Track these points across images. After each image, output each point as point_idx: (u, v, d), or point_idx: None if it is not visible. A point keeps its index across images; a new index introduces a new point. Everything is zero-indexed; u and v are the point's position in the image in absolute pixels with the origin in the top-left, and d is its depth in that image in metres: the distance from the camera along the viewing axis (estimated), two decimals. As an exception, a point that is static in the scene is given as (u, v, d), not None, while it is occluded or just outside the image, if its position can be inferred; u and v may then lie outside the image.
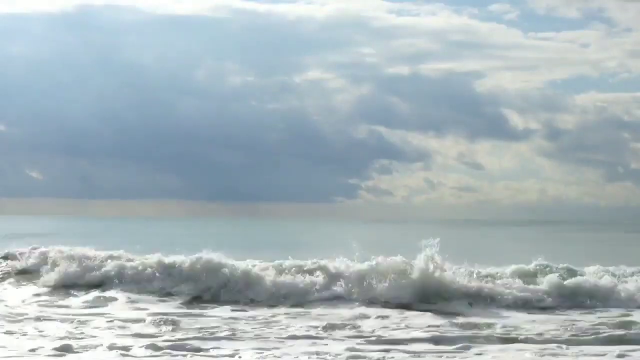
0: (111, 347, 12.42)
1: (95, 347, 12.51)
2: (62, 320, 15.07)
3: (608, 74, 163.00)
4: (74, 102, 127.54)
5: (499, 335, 13.91)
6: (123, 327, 14.40)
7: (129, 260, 20.79)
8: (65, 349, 12.22)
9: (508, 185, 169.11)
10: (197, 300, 18.37)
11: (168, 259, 20.21)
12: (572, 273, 19.81)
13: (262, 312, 16.62)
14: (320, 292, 18.44)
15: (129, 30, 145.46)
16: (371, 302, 17.63)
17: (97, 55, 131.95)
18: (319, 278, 19.08)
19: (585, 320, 15.73)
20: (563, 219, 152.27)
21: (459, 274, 18.69)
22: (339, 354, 12.21)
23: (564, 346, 13.02)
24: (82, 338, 13.27)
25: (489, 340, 13.57)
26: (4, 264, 22.72)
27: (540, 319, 15.91)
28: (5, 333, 13.68)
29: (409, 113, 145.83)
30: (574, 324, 15.10)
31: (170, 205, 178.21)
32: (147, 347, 12.44)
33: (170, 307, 17.32)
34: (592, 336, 13.88)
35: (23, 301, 17.91)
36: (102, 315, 15.83)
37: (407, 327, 14.80)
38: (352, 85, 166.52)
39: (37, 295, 18.90)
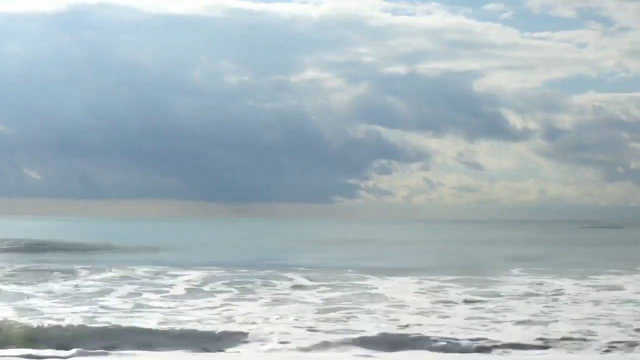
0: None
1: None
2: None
3: (606, 74, 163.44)
4: (71, 102, 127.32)
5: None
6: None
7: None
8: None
9: (508, 185, 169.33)
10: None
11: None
12: None
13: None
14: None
15: (124, 30, 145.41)
16: None
17: (94, 55, 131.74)
18: None
19: None
20: (563, 219, 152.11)
21: None
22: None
23: None
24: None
25: None
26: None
27: None
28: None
29: (407, 113, 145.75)
30: None
31: (170, 205, 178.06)
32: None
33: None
34: None
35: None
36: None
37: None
38: (349, 84, 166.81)
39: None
